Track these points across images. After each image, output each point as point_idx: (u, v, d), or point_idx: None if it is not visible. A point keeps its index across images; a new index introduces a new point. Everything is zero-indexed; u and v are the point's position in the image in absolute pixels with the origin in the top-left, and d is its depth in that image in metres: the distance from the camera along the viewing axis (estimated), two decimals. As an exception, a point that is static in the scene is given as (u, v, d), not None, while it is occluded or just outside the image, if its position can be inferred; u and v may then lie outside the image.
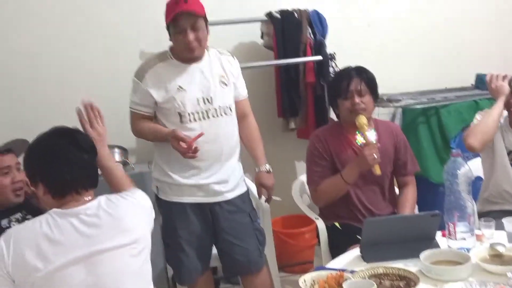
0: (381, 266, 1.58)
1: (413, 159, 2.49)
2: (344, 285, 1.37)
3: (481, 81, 2.51)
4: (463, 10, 3.75)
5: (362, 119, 2.22)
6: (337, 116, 2.50)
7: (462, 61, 3.72)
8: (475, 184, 2.72)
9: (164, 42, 2.34)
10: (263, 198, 2.51)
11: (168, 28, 2.24)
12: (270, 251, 2.68)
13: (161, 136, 2.27)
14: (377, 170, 2.19)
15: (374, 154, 2.16)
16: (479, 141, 2.25)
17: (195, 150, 2.18)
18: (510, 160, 2.37)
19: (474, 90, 3.41)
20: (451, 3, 3.74)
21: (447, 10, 3.73)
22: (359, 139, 2.22)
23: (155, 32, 3.03)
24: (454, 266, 1.56)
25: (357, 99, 2.29)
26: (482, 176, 2.57)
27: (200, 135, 2.18)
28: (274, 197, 2.52)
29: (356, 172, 2.24)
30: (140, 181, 2.86)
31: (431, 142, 3.30)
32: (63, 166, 1.55)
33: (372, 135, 2.19)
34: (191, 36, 2.16)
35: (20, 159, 2.21)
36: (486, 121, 2.29)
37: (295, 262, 3.22)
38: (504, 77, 2.38)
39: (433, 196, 2.94)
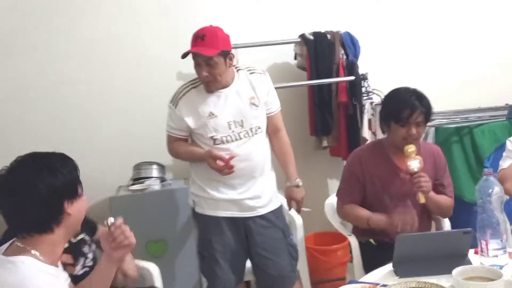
0: (413, 281, 1.62)
1: (451, 186, 2.48)
2: (378, 297, 1.41)
3: None
4: (498, 30, 3.76)
5: (411, 148, 2.22)
6: (383, 131, 2.47)
7: (496, 81, 3.70)
8: (510, 206, 2.73)
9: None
10: (294, 210, 2.57)
11: None
12: (303, 267, 2.73)
13: (197, 157, 2.38)
14: (421, 199, 2.20)
15: (421, 183, 2.17)
16: None
17: (231, 167, 2.27)
18: None
19: (508, 109, 3.41)
20: (485, 24, 3.75)
21: (482, 30, 3.74)
22: (413, 166, 2.21)
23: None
24: (486, 282, 1.58)
25: (414, 130, 2.27)
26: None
27: (232, 157, 2.28)
28: (304, 209, 2.58)
29: (382, 227, 2.28)
30: (175, 197, 2.99)
31: (465, 161, 3.29)
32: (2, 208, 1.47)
33: (415, 164, 2.20)
34: (204, 72, 2.28)
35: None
36: None
37: (327, 279, 3.25)
38: None
39: (467, 216, 2.91)
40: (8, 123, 3.21)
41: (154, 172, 3.17)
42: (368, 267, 2.27)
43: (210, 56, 2.24)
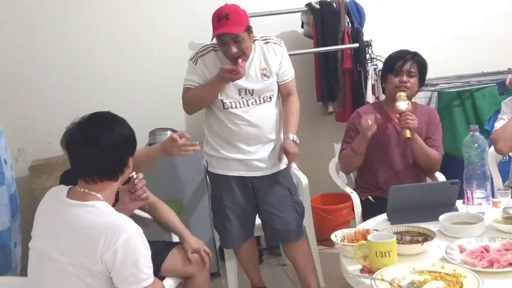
0: (403, 225, 1.80)
1: (441, 144, 2.67)
2: (369, 237, 1.59)
3: (503, 87, 2.62)
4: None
5: (401, 94, 2.49)
6: (383, 90, 2.76)
7: (499, 46, 3.79)
8: (507, 166, 2.87)
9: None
10: (284, 161, 2.61)
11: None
12: (309, 224, 2.90)
13: (210, 83, 2.44)
14: (407, 134, 2.44)
15: (408, 120, 2.41)
16: (509, 146, 2.39)
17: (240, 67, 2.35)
18: None
19: (506, 75, 3.49)
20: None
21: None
22: (401, 106, 2.46)
23: (205, 23, 3.30)
24: (468, 225, 1.75)
25: (405, 78, 2.55)
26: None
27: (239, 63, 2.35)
28: (293, 165, 2.74)
29: (362, 143, 2.50)
30: (188, 160, 3.16)
31: (466, 124, 3.40)
32: (70, 157, 1.65)
33: (403, 104, 2.45)
34: (234, 49, 2.36)
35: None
36: None
37: (333, 237, 3.44)
38: None
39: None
40: (26, 95, 3.38)
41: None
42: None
43: (238, 34, 2.33)
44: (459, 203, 2.00)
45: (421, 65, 2.61)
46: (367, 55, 3.36)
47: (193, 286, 2.27)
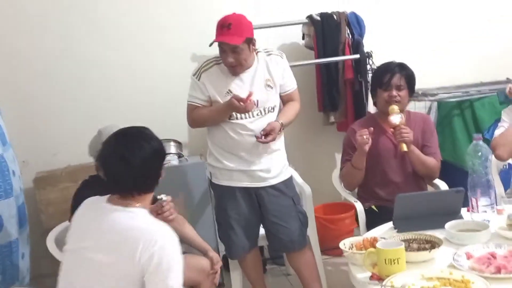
0: (410, 233, 1.82)
1: (438, 150, 2.67)
2: (378, 244, 1.61)
3: (503, 96, 2.70)
4: (499, 9, 3.88)
5: (393, 107, 2.51)
6: (374, 104, 2.77)
7: (496, 56, 3.84)
8: (507, 174, 2.90)
9: (214, 46, 2.61)
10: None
11: None
12: (312, 233, 2.91)
13: (220, 109, 2.47)
14: (403, 148, 2.46)
15: (402, 134, 2.44)
16: (508, 152, 2.44)
17: (250, 101, 2.39)
18: None
19: (507, 83, 3.55)
20: (487, 4, 3.87)
21: (483, 8, 3.87)
22: (394, 120, 2.48)
23: (207, 36, 3.34)
24: (474, 232, 1.78)
25: (394, 92, 2.56)
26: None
27: (251, 94, 2.40)
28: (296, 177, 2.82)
29: (360, 157, 2.50)
30: (192, 171, 3.20)
31: (466, 133, 3.46)
32: (109, 172, 1.71)
33: (397, 118, 2.47)
34: (230, 58, 2.42)
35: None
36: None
37: (336, 246, 3.44)
38: None
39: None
40: (30, 107, 3.41)
41: (172, 148, 3.35)
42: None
43: (236, 45, 2.39)
44: (463, 211, 2.03)
45: (409, 77, 2.63)
46: (368, 66, 3.41)
47: None
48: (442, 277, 1.51)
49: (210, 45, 2.45)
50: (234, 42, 2.38)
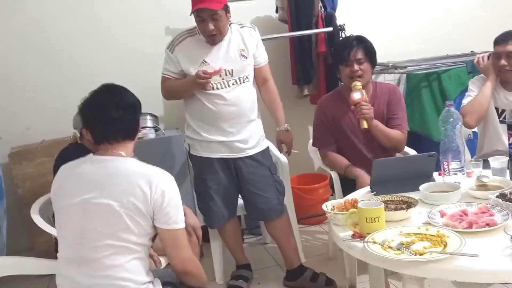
0: (387, 195, 1.92)
1: (404, 121, 2.69)
2: (359, 204, 1.70)
3: (471, 66, 2.82)
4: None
5: (356, 83, 2.53)
6: (339, 79, 2.81)
7: (462, 30, 3.98)
8: (472, 143, 3.05)
9: (189, 18, 2.62)
10: (284, 152, 2.85)
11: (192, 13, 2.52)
12: (289, 203, 2.99)
13: (189, 82, 2.54)
14: (364, 125, 2.49)
15: (362, 110, 2.47)
16: (475, 119, 2.56)
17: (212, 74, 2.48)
18: (501, 119, 2.61)
19: (472, 56, 3.69)
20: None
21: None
22: (355, 97, 2.50)
23: (181, 9, 3.31)
24: (446, 193, 1.89)
25: (356, 67, 2.57)
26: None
27: (218, 71, 2.50)
28: (293, 150, 2.85)
29: (354, 176, 2.56)
30: (169, 144, 3.23)
31: (433, 104, 3.59)
32: (99, 121, 1.77)
33: (357, 94, 2.49)
34: (211, 26, 2.46)
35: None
36: (480, 99, 2.56)
37: (310, 215, 3.58)
38: (489, 56, 2.65)
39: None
40: (9, 75, 3.36)
41: (149, 122, 3.37)
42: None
43: (216, 10, 2.42)
44: (435, 174, 2.14)
45: (368, 50, 2.62)
46: (341, 39, 3.47)
47: None
48: (419, 233, 1.62)
49: (191, 14, 2.47)
50: (214, 7, 2.42)
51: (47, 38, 3.37)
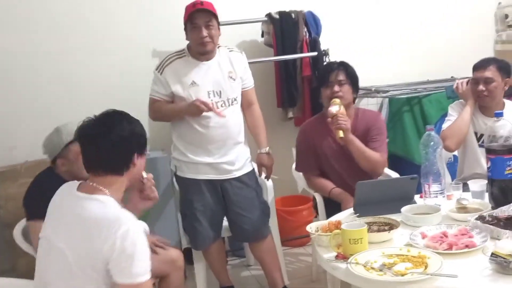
0: (370, 217, 1.96)
1: (383, 145, 2.67)
2: (342, 226, 1.74)
3: (451, 91, 2.91)
4: (443, 14, 4.15)
5: (335, 100, 2.53)
6: (322, 103, 2.75)
7: (442, 57, 4.09)
8: (453, 166, 3.11)
9: (175, 41, 2.67)
10: (263, 175, 2.87)
11: (185, 27, 2.60)
12: (273, 224, 3.01)
13: (182, 108, 2.55)
14: (339, 134, 2.48)
15: (339, 121, 2.47)
16: (455, 143, 2.62)
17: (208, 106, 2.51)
18: (480, 143, 2.66)
19: (452, 81, 3.79)
20: (433, 7, 4.12)
21: (431, 13, 4.12)
22: (332, 110, 2.49)
23: (167, 31, 3.37)
24: (427, 215, 1.94)
25: (336, 88, 2.59)
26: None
27: (219, 114, 2.56)
28: (273, 176, 2.88)
29: (339, 199, 2.60)
30: (155, 165, 3.23)
31: (415, 128, 3.64)
32: (85, 149, 1.70)
33: (334, 108, 2.48)
34: (204, 32, 2.52)
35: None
36: (460, 124, 2.62)
37: (294, 237, 3.59)
38: (467, 82, 2.74)
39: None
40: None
41: (133, 143, 3.37)
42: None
43: (210, 15, 2.50)
44: (416, 197, 2.19)
45: (349, 73, 2.64)
46: (325, 63, 3.54)
47: (168, 285, 2.34)
48: (401, 254, 1.65)
49: (185, 20, 2.52)
50: (212, 9, 2.51)
51: (32, 58, 3.37)
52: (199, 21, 2.52)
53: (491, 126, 1.99)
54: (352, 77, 2.66)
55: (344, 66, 2.67)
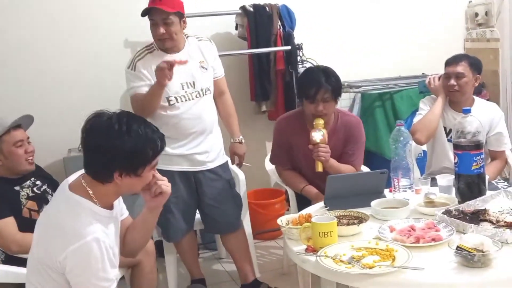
0: (340, 211, 1.98)
1: (359, 157, 2.65)
2: (313, 219, 1.75)
3: (423, 86, 2.95)
4: (415, 11, 4.21)
5: (319, 121, 2.47)
6: (301, 104, 2.69)
7: (414, 53, 4.16)
8: (422, 161, 3.17)
9: (147, 31, 2.62)
10: (236, 164, 2.88)
11: None
12: (245, 217, 3.00)
13: (155, 87, 2.46)
14: (319, 168, 2.46)
15: (319, 153, 2.43)
16: (425, 136, 2.65)
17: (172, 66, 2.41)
18: (449, 138, 2.71)
19: (424, 77, 3.85)
20: (405, 3, 4.18)
21: (402, 10, 4.17)
22: (315, 137, 2.44)
23: (138, 22, 3.31)
24: (396, 209, 1.97)
25: (321, 106, 2.47)
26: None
27: (184, 61, 2.45)
28: (245, 163, 2.90)
29: (310, 197, 2.57)
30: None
31: (386, 123, 3.71)
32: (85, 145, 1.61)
33: (318, 136, 2.42)
34: (161, 29, 2.48)
35: (28, 132, 2.51)
36: (430, 118, 2.66)
37: (265, 230, 3.60)
38: (439, 78, 2.78)
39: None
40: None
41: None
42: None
43: (167, 13, 2.44)
44: (386, 191, 2.22)
45: (336, 88, 2.52)
46: (298, 58, 3.56)
47: (141, 273, 2.33)
48: (369, 247, 1.67)
49: (143, 14, 2.48)
50: (166, 9, 2.44)
51: (3, 49, 3.28)
52: (156, 17, 2.48)
53: (460, 122, 2.02)
54: (337, 92, 2.54)
55: (330, 80, 2.51)
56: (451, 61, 2.71)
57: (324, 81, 2.48)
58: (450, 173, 2.25)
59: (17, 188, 2.35)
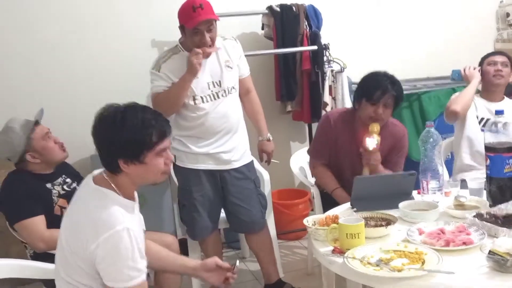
0: (367, 212, 1.96)
1: (401, 166, 2.63)
2: (340, 220, 1.73)
3: (456, 74, 2.95)
4: (445, 11, 4.15)
5: (375, 127, 2.43)
6: (353, 105, 2.65)
7: (443, 54, 4.09)
8: (450, 164, 3.12)
9: (174, 31, 2.64)
10: (264, 161, 2.90)
11: (182, 27, 2.52)
12: (270, 217, 3.00)
13: (184, 77, 2.47)
14: (365, 172, 2.46)
15: (370, 161, 2.43)
16: (461, 107, 2.69)
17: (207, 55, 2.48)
18: (481, 127, 2.73)
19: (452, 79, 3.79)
20: (435, 4, 4.12)
21: (431, 10, 4.12)
22: (369, 144, 2.42)
23: (166, 22, 3.34)
24: (425, 211, 1.94)
25: (381, 110, 2.45)
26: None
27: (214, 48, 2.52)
28: (273, 160, 2.91)
29: (341, 201, 2.46)
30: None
31: (413, 124, 3.66)
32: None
33: (372, 143, 2.40)
34: (208, 38, 2.48)
35: (55, 131, 2.55)
36: (465, 92, 2.75)
37: (289, 230, 3.59)
38: (474, 68, 2.84)
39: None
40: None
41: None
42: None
43: (211, 20, 2.45)
44: (414, 193, 2.19)
45: (399, 95, 2.50)
46: (325, 58, 3.52)
47: (166, 277, 2.34)
48: (398, 249, 1.65)
49: (193, 29, 2.44)
50: (214, 17, 2.46)
51: (29, 47, 3.33)
52: (203, 27, 2.46)
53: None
54: (398, 101, 2.52)
55: (395, 87, 2.49)
56: (494, 53, 2.84)
57: (390, 87, 2.47)
58: (481, 160, 2.19)
59: (48, 185, 2.39)
